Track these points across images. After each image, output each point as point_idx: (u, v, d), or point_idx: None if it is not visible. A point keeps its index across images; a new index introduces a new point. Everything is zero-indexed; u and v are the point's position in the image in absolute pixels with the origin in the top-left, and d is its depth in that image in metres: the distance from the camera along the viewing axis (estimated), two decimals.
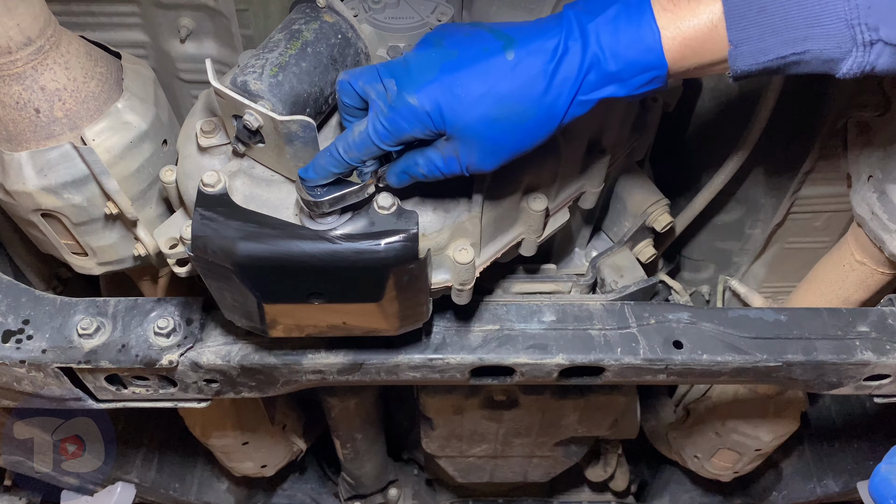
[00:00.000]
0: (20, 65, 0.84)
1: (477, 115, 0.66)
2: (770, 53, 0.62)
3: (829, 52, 0.61)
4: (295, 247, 0.73)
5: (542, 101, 0.66)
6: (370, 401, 1.50)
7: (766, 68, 0.64)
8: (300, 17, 0.84)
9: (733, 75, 0.65)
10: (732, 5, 0.62)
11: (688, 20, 0.63)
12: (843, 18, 0.60)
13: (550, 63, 0.65)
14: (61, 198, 0.93)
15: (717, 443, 1.53)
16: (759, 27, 0.62)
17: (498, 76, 0.66)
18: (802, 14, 0.60)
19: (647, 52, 0.64)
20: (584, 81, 0.65)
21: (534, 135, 0.68)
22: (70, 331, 0.93)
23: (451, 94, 0.66)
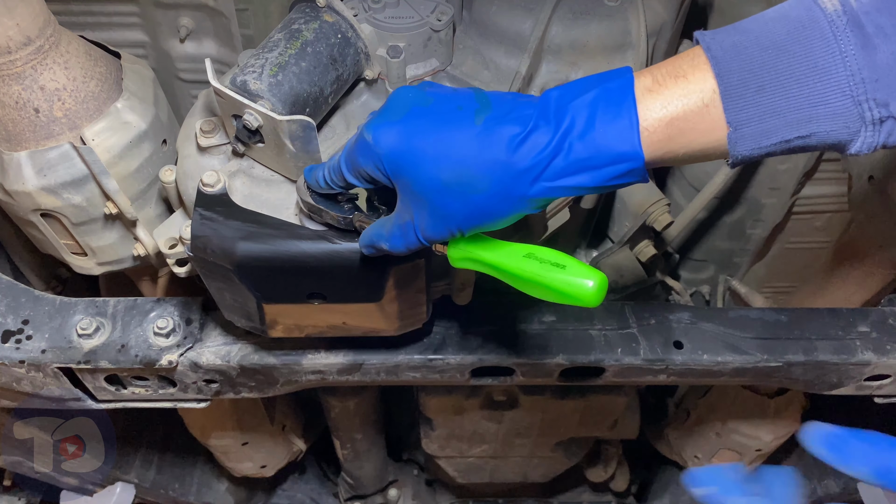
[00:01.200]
0: (20, 64, 0.84)
1: (428, 174, 0.61)
2: (773, 136, 0.56)
3: (836, 134, 0.55)
4: (295, 247, 0.73)
5: (500, 176, 0.60)
6: (370, 401, 1.50)
7: (771, 152, 0.57)
8: (300, 16, 0.83)
9: (733, 162, 0.58)
10: (728, 84, 0.56)
11: (676, 100, 0.57)
12: (848, 95, 0.54)
13: (516, 138, 0.59)
14: (61, 198, 0.93)
15: (718, 443, 1.53)
16: (758, 108, 0.56)
17: (460, 138, 0.61)
18: (804, 93, 0.54)
19: (621, 140, 0.58)
20: (551, 165, 0.59)
21: (489, 211, 0.61)
22: (69, 331, 0.93)
23: (406, 144, 0.63)
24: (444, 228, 0.63)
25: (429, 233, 0.64)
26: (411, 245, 0.66)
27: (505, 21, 0.92)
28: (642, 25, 0.92)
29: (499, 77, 0.92)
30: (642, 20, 0.92)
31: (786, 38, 0.55)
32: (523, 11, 0.91)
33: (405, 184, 0.63)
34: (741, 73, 0.56)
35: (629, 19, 0.92)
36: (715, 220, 1.42)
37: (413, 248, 0.66)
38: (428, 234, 0.64)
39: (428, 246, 0.66)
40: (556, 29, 0.92)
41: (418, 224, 0.64)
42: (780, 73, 0.55)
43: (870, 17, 0.53)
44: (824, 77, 0.53)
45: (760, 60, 0.55)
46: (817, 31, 0.54)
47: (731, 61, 0.56)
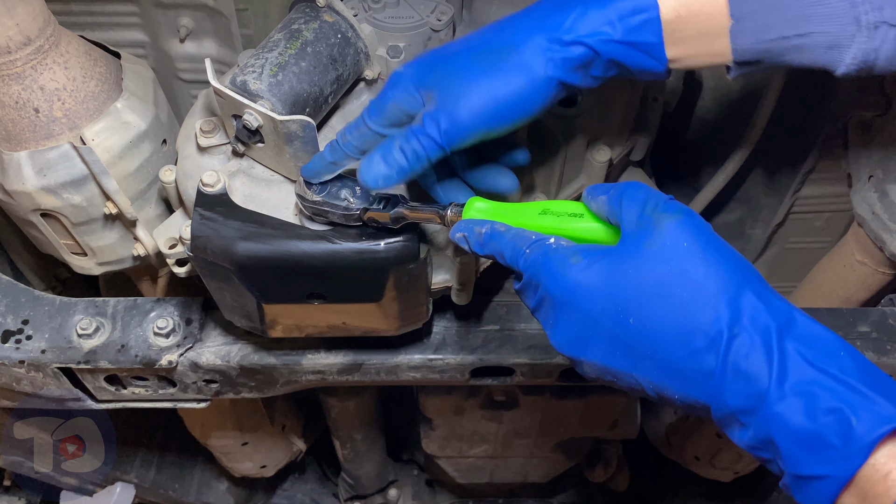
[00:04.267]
0: (19, 64, 0.84)
1: (456, 62, 0.64)
2: (772, 32, 0.59)
3: (832, 36, 0.58)
4: (295, 247, 0.73)
5: (525, 40, 0.63)
6: (370, 401, 1.50)
7: (769, 50, 0.61)
8: (300, 16, 0.83)
9: (735, 58, 0.62)
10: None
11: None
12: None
13: (532, 10, 0.64)
14: (60, 198, 0.93)
15: (718, 443, 1.53)
16: (761, 2, 0.59)
17: (481, 31, 0.66)
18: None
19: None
20: (568, 20, 0.62)
21: (520, 84, 0.62)
22: (69, 331, 0.93)
23: (433, 54, 0.67)
24: (473, 111, 0.63)
25: (454, 120, 0.63)
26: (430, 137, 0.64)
27: None
28: None
29: None
30: None
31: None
32: None
33: (436, 83, 0.64)
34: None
35: None
36: (715, 220, 1.41)
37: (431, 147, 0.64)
38: (453, 122, 0.63)
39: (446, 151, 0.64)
40: None
41: (442, 113, 0.63)
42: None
43: None
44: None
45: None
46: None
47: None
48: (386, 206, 0.72)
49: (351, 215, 0.73)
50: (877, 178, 1.07)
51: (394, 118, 0.67)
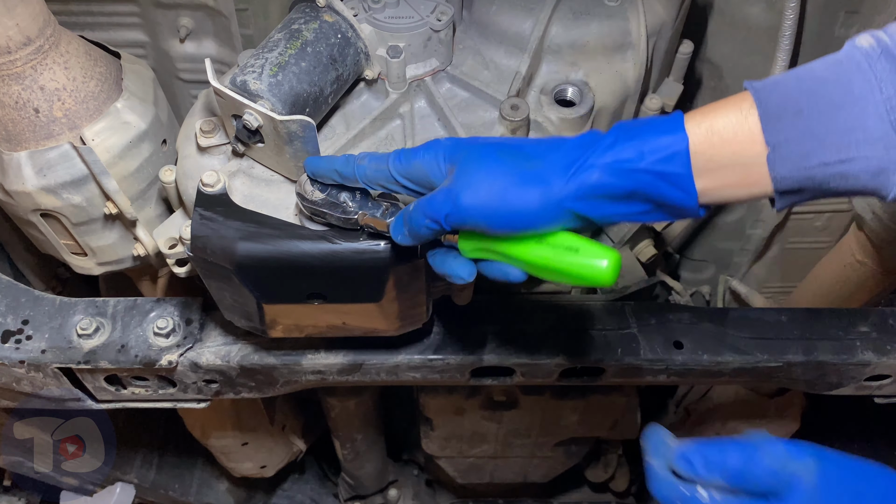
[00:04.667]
0: (19, 64, 0.84)
1: (483, 153, 0.63)
2: (812, 158, 0.56)
3: (877, 161, 0.55)
4: (295, 247, 0.73)
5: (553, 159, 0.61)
6: (370, 401, 1.50)
7: (811, 178, 0.57)
8: (300, 16, 0.83)
9: (776, 186, 0.58)
10: (767, 106, 0.58)
11: (716, 114, 0.59)
12: (885, 120, 0.54)
13: (568, 140, 0.63)
14: (60, 198, 0.93)
15: None
16: (797, 130, 0.56)
17: (519, 141, 0.66)
18: (841, 117, 0.55)
19: (664, 126, 0.60)
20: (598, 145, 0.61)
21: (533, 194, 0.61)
22: (69, 331, 0.92)
23: (470, 141, 0.66)
24: (480, 208, 0.62)
25: (462, 209, 0.62)
26: (438, 209, 0.64)
27: (505, 21, 0.92)
28: (642, 25, 0.92)
29: (499, 77, 0.92)
30: (642, 20, 0.92)
31: (823, 71, 0.57)
32: (523, 11, 0.91)
33: (458, 163, 0.64)
34: (779, 99, 0.58)
35: (629, 19, 0.92)
36: (715, 220, 1.42)
37: (436, 220, 0.65)
38: (460, 210, 0.63)
39: (448, 230, 0.65)
40: (556, 29, 0.92)
41: (454, 192, 0.63)
42: (817, 98, 0.56)
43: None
44: (860, 102, 0.55)
45: (798, 89, 0.57)
46: (853, 62, 0.56)
47: (769, 90, 0.58)
48: (384, 213, 0.72)
49: (349, 219, 0.73)
50: None
51: (414, 176, 0.68)
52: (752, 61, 1.12)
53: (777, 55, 1.01)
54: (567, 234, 0.63)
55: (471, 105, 0.91)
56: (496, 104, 0.88)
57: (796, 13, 0.97)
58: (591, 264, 0.60)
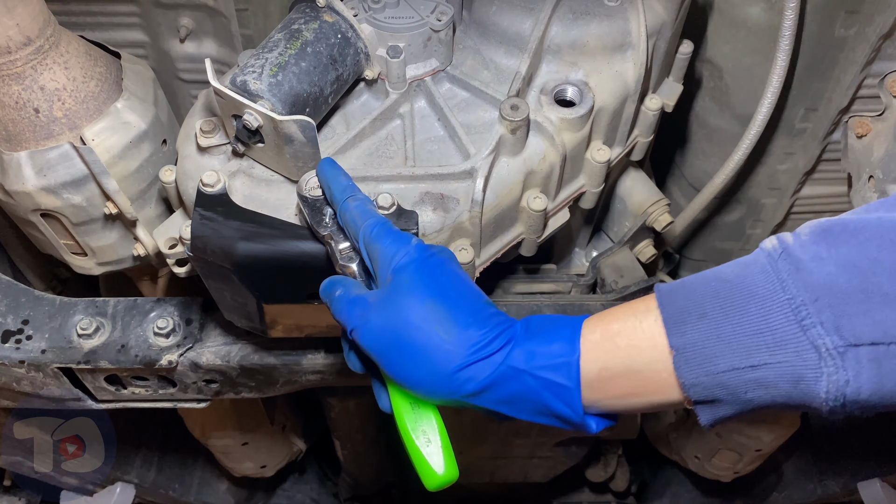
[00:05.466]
0: (19, 65, 0.84)
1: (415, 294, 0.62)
2: (720, 363, 0.52)
3: (791, 366, 0.50)
4: (295, 247, 0.73)
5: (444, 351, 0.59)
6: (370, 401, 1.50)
7: (723, 384, 0.53)
8: (300, 16, 0.83)
9: (687, 394, 0.55)
10: (670, 310, 0.56)
11: (613, 320, 0.58)
12: (792, 320, 0.50)
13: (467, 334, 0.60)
14: (61, 198, 0.93)
15: (718, 443, 1.53)
16: (701, 333, 0.53)
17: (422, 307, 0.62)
18: (747, 319, 0.52)
19: (561, 335, 0.59)
20: (484, 342, 0.59)
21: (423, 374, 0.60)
22: (69, 331, 0.92)
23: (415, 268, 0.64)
24: (379, 356, 0.62)
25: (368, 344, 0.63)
26: (343, 322, 0.65)
27: (505, 21, 0.92)
28: (642, 25, 0.92)
29: (499, 77, 0.92)
30: (642, 20, 0.92)
31: (729, 274, 0.56)
32: (523, 11, 0.91)
33: (392, 299, 0.63)
34: (684, 301, 0.56)
35: (629, 19, 0.92)
36: (715, 220, 1.42)
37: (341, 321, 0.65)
38: (367, 343, 0.63)
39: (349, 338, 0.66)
40: (556, 29, 0.92)
41: (365, 332, 0.63)
42: (721, 300, 0.54)
43: (805, 248, 0.53)
44: (765, 303, 0.52)
45: (703, 291, 0.56)
46: (757, 265, 0.54)
47: (675, 293, 0.57)
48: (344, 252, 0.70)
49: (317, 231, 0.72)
50: (877, 178, 1.07)
51: (371, 253, 0.66)
52: (752, 61, 1.12)
53: (777, 55, 1.01)
54: (440, 422, 0.63)
55: (471, 105, 0.91)
56: (496, 104, 0.88)
57: (796, 13, 0.97)
58: (429, 463, 0.61)
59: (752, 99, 1.10)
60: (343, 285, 0.67)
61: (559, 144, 0.89)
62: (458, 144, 0.87)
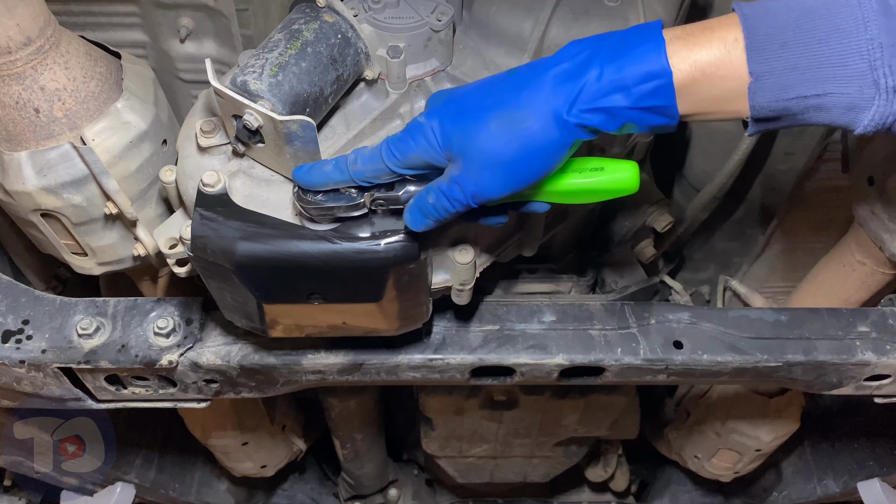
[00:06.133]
0: (20, 65, 0.84)
1: (478, 127, 0.65)
2: (791, 91, 0.59)
3: (850, 98, 0.57)
4: (295, 247, 0.73)
5: (541, 104, 0.63)
6: (370, 401, 1.50)
7: (787, 108, 0.60)
8: (300, 16, 0.83)
9: (753, 114, 0.61)
10: (754, 38, 0.59)
11: (700, 48, 0.61)
12: (866, 59, 0.56)
13: (549, 71, 0.64)
14: (61, 198, 0.93)
15: (718, 443, 1.53)
16: (781, 61, 0.58)
17: (499, 89, 0.66)
18: (825, 52, 0.57)
19: (649, 60, 0.61)
20: (584, 87, 0.62)
21: (539, 150, 0.64)
22: (70, 331, 0.93)
23: (454, 110, 0.67)
24: (500, 180, 0.66)
25: (482, 189, 0.67)
26: (457, 200, 0.68)
27: (505, 21, 0.92)
28: None
29: None
30: (642, 20, 0.92)
31: (813, 2, 0.59)
32: (523, 11, 0.91)
33: (459, 144, 0.66)
34: (767, 28, 0.59)
35: (629, 19, 0.92)
36: (715, 220, 1.42)
37: (460, 207, 0.69)
38: (481, 190, 0.67)
39: (475, 207, 0.69)
40: (556, 29, 0.92)
41: (469, 180, 0.66)
42: (804, 31, 0.58)
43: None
44: (845, 39, 0.56)
45: (786, 19, 0.59)
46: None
47: (759, 18, 0.60)
48: (392, 187, 0.73)
49: (358, 205, 0.73)
50: (877, 178, 1.07)
51: (414, 164, 0.70)
52: None
53: None
54: (587, 158, 0.70)
55: None
56: None
57: None
58: (618, 177, 0.68)
59: None
60: (426, 190, 0.70)
61: None
62: None
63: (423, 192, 0.70)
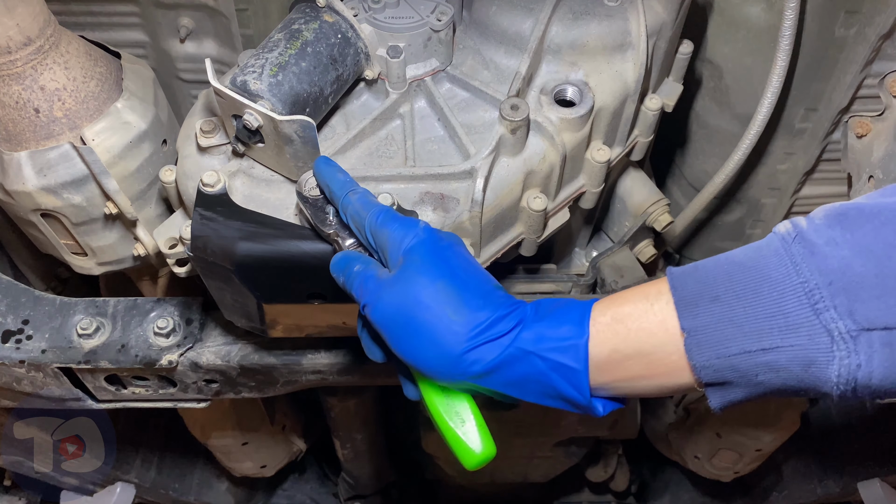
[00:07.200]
0: (20, 65, 0.84)
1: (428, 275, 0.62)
2: (732, 345, 0.53)
3: (804, 350, 0.50)
4: (295, 247, 0.73)
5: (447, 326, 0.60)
6: (370, 401, 1.50)
7: (734, 367, 0.53)
8: (300, 16, 0.84)
9: (697, 377, 0.55)
10: (682, 292, 0.56)
11: (623, 302, 0.58)
12: (805, 304, 0.50)
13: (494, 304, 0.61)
14: (61, 198, 0.93)
15: (718, 443, 1.53)
16: (714, 316, 0.54)
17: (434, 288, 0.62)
18: (760, 302, 0.52)
19: (569, 317, 0.59)
20: (493, 323, 0.59)
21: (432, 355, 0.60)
22: (70, 331, 0.93)
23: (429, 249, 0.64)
24: (391, 337, 0.63)
25: (379, 320, 0.63)
26: (358, 297, 0.65)
27: (505, 21, 0.92)
28: (642, 25, 0.92)
29: (499, 77, 0.92)
30: (642, 20, 0.92)
31: (742, 257, 0.56)
32: (523, 11, 0.91)
33: (404, 277, 0.63)
34: (695, 283, 0.56)
35: (629, 19, 0.92)
36: (715, 220, 1.41)
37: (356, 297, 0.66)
38: (379, 320, 0.63)
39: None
40: (556, 29, 0.92)
41: (377, 308, 0.63)
42: (734, 284, 0.54)
43: (819, 232, 0.53)
44: (778, 286, 0.52)
45: (716, 275, 0.56)
46: (771, 248, 0.54)
47: (687, 275, 0.57)
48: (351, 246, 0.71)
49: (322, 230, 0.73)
50: (877, 178, 1.07)
51: (378, 241, 0.67)
52: (752, 61, 1.12)
53: (777, 55, 1.01)
54: (471, 402, 0.64)
55: (471, 105, 0.91)
56: (496, 104, 0.88)
57: (796, 13, 0.97)
58: (466, 443, 0.62)
59: (752, 99, 1.10)
60: (360, 261, 0.67)
61: (559, 144, 0.89)
62: (458, 144, 0.87)
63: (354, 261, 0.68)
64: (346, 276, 0.67)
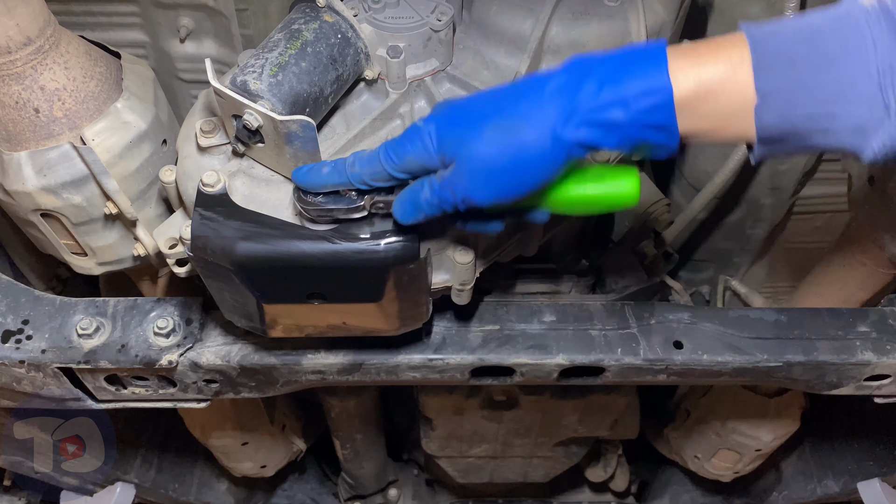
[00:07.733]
0: (20, 65, 0.84)
1: (473, 133, 0.64)
2: (799, 109, 0.57)
3: (858, 119, 0.56)
4: (294, 247, 0.73)
5: (539, 120, 0.62)
6: (370, 401, 1.50)
7: (794, 128, 0.58)
8: (300, 16, 0.84)
9: (759, 134, 0.59)
10: (761, 56, 0.58)
11: (705, 65, 0.59)
12: (875, 80, 0.55)
13: (548, 84, 0.63)
14: (61, 198, 0.93)
15: (718, 443, 1.53)
16: (789, 80, 0.57)
17: (498, 99, 0.66)
18: (833, 72, 0.56)
19: (650, 75, 0.60)
20: (582, 101, 0.61)
21: (530, 162, 0.63)
22: (69, 331, 0.93)
23: (452, 116, 0.67)
24: (489, 189, 0.65)
25: (471, 194, 0.66)
26: (446, 201, 0.67)
27: (505, 21, 0.92)
28: (642, 25, 0.92)
29: (499, 77, 0.92)
30: (642, 20, 0.92)
31: (821, 24, 0.58)
32: (523, 11, 0.91)
33: (452, 149, 0.66)
34: (775, 47, 0.58)
35: (629, 19, 0.92)
36: (715, 220, 1.42)
37: (449, 207, 0.68)
38: (469, 196, 0.66)
39: (463, 211, 0.68)
40: (556, 29, 0.92)
41: (459, 184, 0.66)
42: (812, 51, 0.57)
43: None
44: (854, 60, 0.55)
45: (795, 39, 0.58)
46: (851, 20, 0.56)
47: (766, 38, 0.59)
48: (392, 191, 0.73)
49: (357, 208, 0.73)
50: (877, 178, 1.07)
51: (410, 168, 0.69)
52: None
53: None
54: (590, 168, 0.68)
55: None
56: None
57: (796, 13, 0.97)
58: (617, 191, 0.67)
59: None
60: (420, 185, 0.69)
61: None
62: None
63: (416, 185, 0.70)
64: (426, 202, 0.68)
